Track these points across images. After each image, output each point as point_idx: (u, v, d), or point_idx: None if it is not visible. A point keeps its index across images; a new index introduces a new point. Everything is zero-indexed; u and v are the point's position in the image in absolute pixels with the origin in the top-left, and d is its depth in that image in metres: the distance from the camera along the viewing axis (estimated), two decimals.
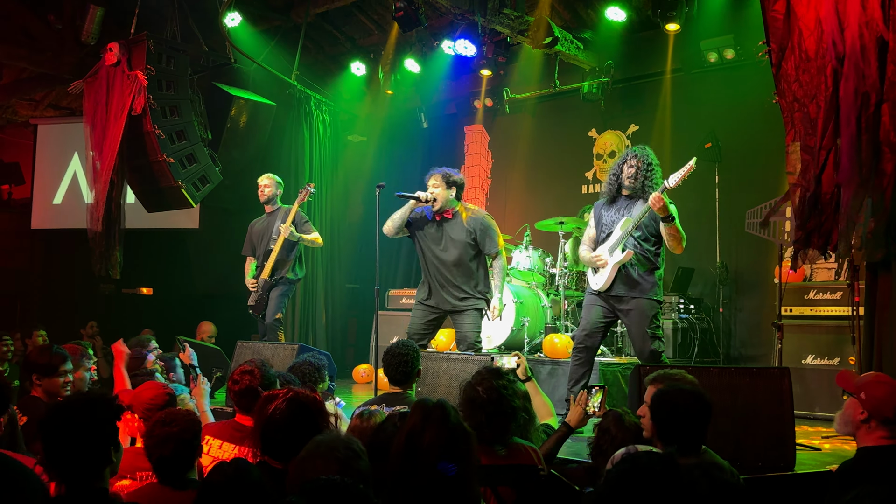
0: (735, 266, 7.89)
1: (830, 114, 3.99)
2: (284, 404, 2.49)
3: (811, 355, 5.94)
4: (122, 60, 7.26)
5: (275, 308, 6.81)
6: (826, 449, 4.46)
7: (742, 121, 7.71)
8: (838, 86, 3.95)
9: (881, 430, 2.84)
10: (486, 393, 2.81)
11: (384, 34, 9.17)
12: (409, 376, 3.97)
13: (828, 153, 4.00)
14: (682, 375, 2.95)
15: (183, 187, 7.37)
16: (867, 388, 2.91)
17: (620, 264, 5.00)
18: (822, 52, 4.03)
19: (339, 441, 2.02)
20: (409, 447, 2.05)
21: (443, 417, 2.10)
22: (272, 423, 2.46)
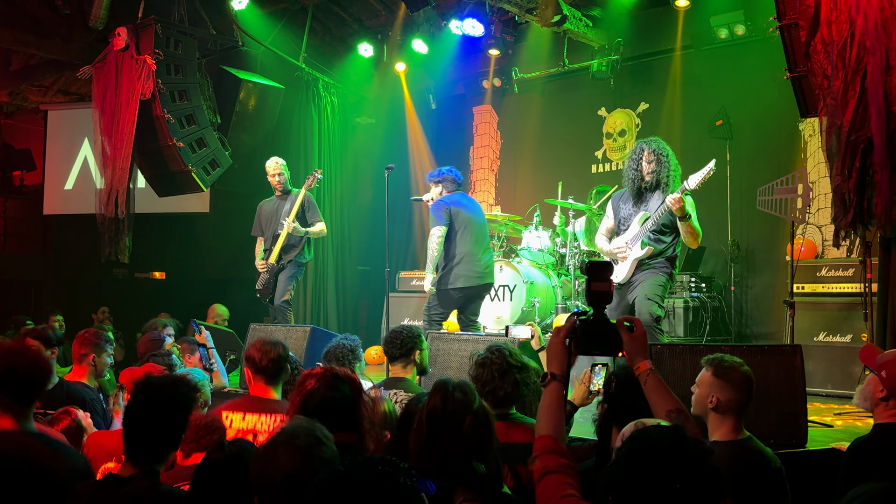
0: (746, 244, 7.86)
1: (854, 93, 3.97)
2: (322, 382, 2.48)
3: (823, 332, 5.93)
4: (130, 45, 7.26)
5: (283, 290, 6.83)
6: (838, 426, 4.46)
7: (753, 97, 7.65)
8: (861, 63, 3.93)
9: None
10: (495, 353, 3.01)
11: (391, 14, 9.13)
12: (407, 352, 3.95)
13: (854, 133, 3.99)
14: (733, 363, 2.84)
15: (193, 171, 7.39)
16: (888, 367, 2.91)
17: (639, 259, 5.07)
18: (840, 31, 4.01)
19: (302, 428, 1.98)
20: (430, 425, 2.08)
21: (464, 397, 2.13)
22: (309, 400, 2.45)
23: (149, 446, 2.38)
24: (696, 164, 4.97)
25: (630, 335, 2.17)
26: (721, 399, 2.74)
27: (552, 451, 2.01)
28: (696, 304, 7.32)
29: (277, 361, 3.48)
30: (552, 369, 2.14)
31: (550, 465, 1.96)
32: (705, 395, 2.77)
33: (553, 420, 2.08)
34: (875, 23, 3.86)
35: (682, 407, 2.18)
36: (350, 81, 9.91)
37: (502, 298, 7.21)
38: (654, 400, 2.19)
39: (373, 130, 10.43)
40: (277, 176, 6.95)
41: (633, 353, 2.19)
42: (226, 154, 7.78)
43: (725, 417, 2.74)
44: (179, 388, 2.46)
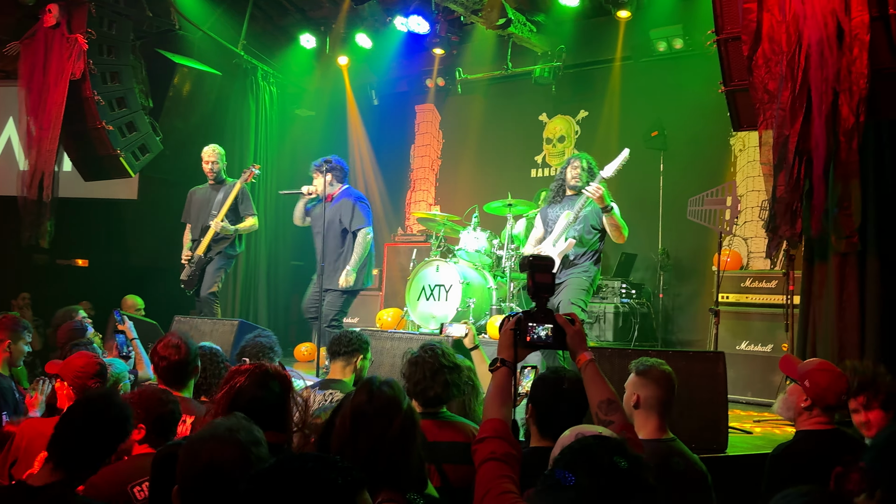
0: (676, 253, 8.04)
1: (802, 105, 4.07)
2: (252, 379, 2.40)
3: (746, 341, 6.10)
4: (61, 23, 6.98)
5: (210, 282, 6.65)
6: (757, 432, 4.59)
7: (688, 110, 7.83)
8: (808, 76, 4.04)
9: (821, 416, 2.95)
10: (428, 353, 2.99)
11: (335, 6, 9.01)
12: (347, 353, 3.87)
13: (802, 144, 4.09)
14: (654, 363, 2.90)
15: (122, 156, 7.15)
16: (811, 376, 2.99)
17: (563, 254, 5.26)
18: (792, 43, 4.11)
19: (241, 425, 1.93)
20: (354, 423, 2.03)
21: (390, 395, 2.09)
22: (238, 398, 2.36)
23: (78, 459, 2.35)
24: (631, 172, 5.08)
25: (572, 328, 2.23)
26: (641, 396, 2.79)
27: (501, 438, 2.00)
28: (625, 310, 7.46)
29: (177, 367, 3.35)
30: (502, 355, 2.20)
31: (498, 452, 1.95)
32: (629, 395, 2.83)
33: (503, 404, 2.11)
34: (819, 38, 3.97)
35: (615, 397, 2.22)
36: (290, 72, 9.76)
37: (438, 298, 7.19)
38: (591, 390, 2.24)
39: (312, 123, 10.29)
40: (212, 164, 6.78)
41: (574, 346, 2.25)
42: (157, 140, 7.55)
43: (649, 416, 2.78)
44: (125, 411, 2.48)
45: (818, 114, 4.01)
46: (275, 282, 9.60)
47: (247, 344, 4.15)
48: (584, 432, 1.92)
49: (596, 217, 5.28)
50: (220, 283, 6.76)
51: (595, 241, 5.34)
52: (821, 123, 4.00)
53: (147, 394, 2.87)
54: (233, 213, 6.67)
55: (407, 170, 10.41)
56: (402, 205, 10.39)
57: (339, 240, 6.30)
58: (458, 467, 2.64)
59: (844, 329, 4.37)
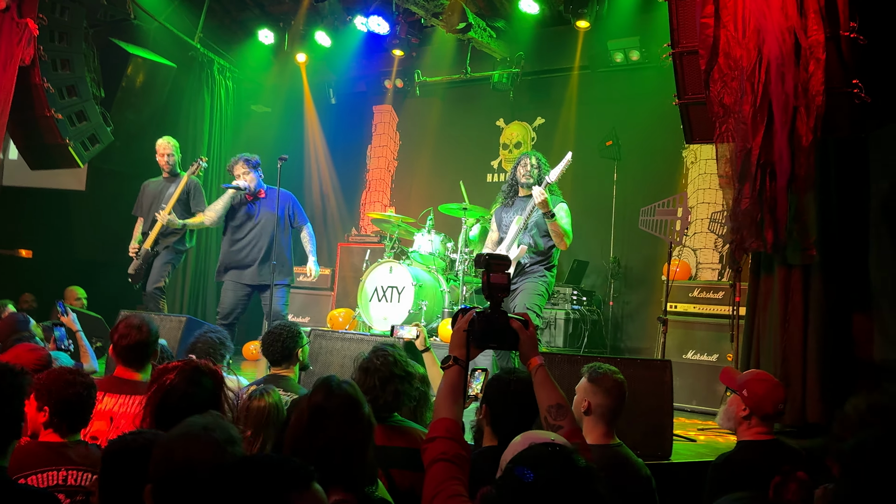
0: (627, 261, 8.16)
1: (763, 118, 4.15)
2: (182, 376, 2.37)
3: (692, 350, 6.21)
4: (11, 7, 6.75)
5: (157, 276, 6.53)
6: (701, 440, 4.67)
7: (642, 121, 7.96)
8: (769, 89, 4.12)
9: (760, 426, 3.01)
10: (379, 359, 2.91)
11: (295, 3, 8.94)
12: (287, 354, 3.84)
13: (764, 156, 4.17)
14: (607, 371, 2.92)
15: (70, 145, 6.97)
16: (748, 386, 3.06)
17: (517, 260, 5.27)
18: (752, 57, 4.19)
19: (217, 424, 1.91)
20: (311, 421, 2.01)
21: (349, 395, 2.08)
22: (168, 396, 2.34)
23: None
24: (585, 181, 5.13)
25: (525, 332, 2.24)
26: (592, 403, 2.83)
27: (453, 438, 1.99)
28: (576, 317, 7.54)
29: (137, 347, 3.27)
30: (454, 353, 2.19)
31: (449, 453, 1.95)
32: (580, 400, 2.86)
33: (455, 402, 2.10)
34: (778, 54, 4.07)
35: (564, 402, 2.23)
36: (247, 67, 9.63)
37: (390, 299, 7.17)
38: (540, 394, 2.24)
39: (268, 119, 10.17)
40: (167, 156, 6.67)
41: (526, 349, 2.25)
42: (107, 130, 7.38)
43: (598, 423, 2.82)
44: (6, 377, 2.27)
45: (780, 127, 4.10)
46: None
47: (197, 340, 4.07)
48: (535, 439, 1.92)
49: (545, 223, 5.31)
50: (167, 279, 6.63)
51: (549, 247, 5.37)
52: (783, 137, 4.09)
53: (53, 374, 2.70)
54: (183, 208, 6.55)
55: (363, 170, 10.36)
56: (357, 205, 10.34)
57: (284, 235, 6.37)
58: (405, 473, 2.63)
59: (789, 340, 4.48)
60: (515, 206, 5.51)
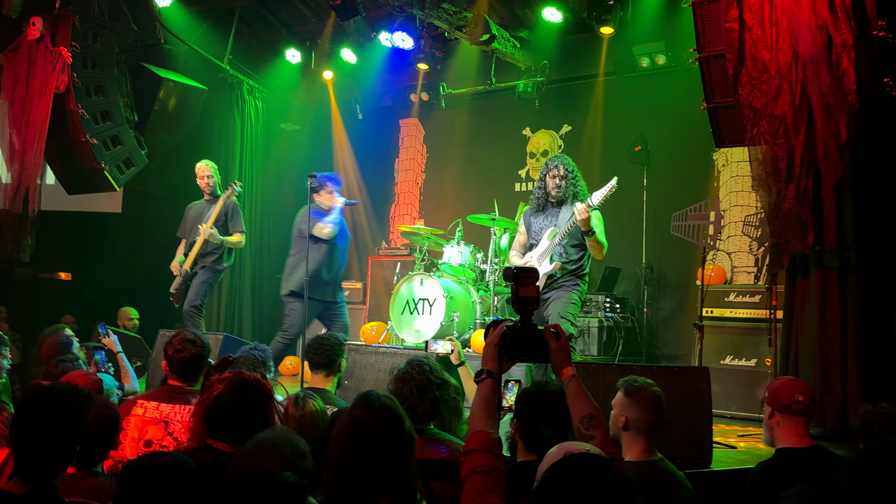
0: (659, 267, 8.09)
1: (803, 117, 4.09)
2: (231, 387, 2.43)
3: (730, 356, 6.13)
4: (45, 36, 6.97)
5: (194, 295, 6.65)
6: (741, 447, 4.61)
7: (670, 125, 7.90)
8: (806, 88, 4.06)
9: (795, 430, 2.94)
10: (415, 369, 2.95)
11: (321, 22, 9.04)
12: (330, 362, 3.90)
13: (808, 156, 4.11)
14: (643, 384, 2.86)
15: (106, 169, 7.13)
16: (769, 388, 3.07)
17: (547, 275, 5.22)
18: (784, 58, 4.14)
19: (286, 439, 1.97)
20: (353, 435, 2.04)
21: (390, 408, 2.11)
22: (217, 404, 2.40)
23: (40, 461, 2.19)
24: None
25: (556, 343, 2.23)
26: (630, 418, 2.78)
27: (489, 451, 2.00)
28: (609, 325, 7.48)
29: (192, 361, 3.41)
30: (487, 367, 2.20)
31: (486, 465, 1.96)
32: (617, 415, 2.82)
33: (490, 416, 2.12)
34: (811, 52, 4.02)
35: (597, 412, 2.23)
36: (276, 87, 9.76)
37: (422, 312, 7.18)
38: (573, 404, 2.24)
39: (297, 137, 10.29)
40: (206, 178, 6.83)
41: (558, 360, 2.25)
42: (142, 153, 7.54)
43: (637, 438, 2.78)
44: (67, 398, 2.28)
45: (822, 125, 4.03)
46: (259, 295, 9.56)
47: (239, 356, 4.13)
48: (571, 449, 1.92)
49: (579, 236, 5.23)
50: (204, 298, 6.73)
51: (580, 256, 5.30)
52: (828, 135, 4.02)
53: None
54: (221, 230, 6.66)
55: (391, 184, 10.42)
56: (387, 218, 10.40)
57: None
58: (445, 485, 2.64)
59: (827, 343, 4.41)
60: (547, 214, 5.42)
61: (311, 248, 6.21)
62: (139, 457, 2.06)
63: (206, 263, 6.67)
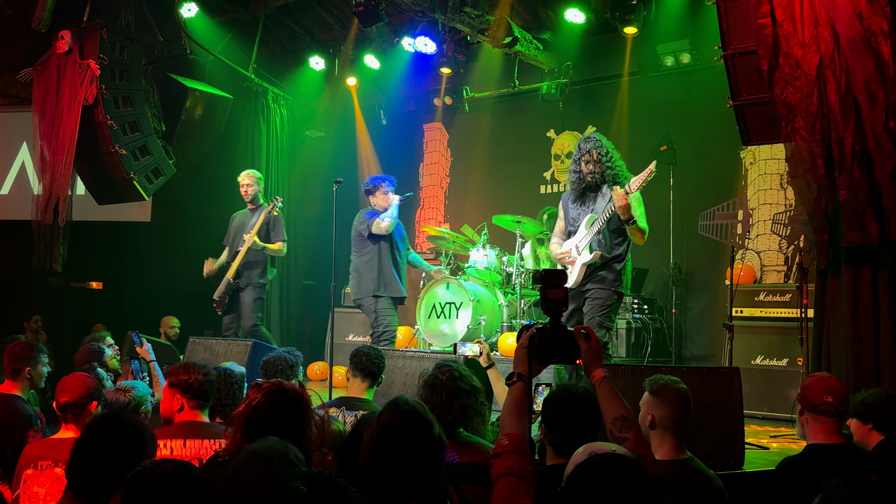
0: (687, 267, 8.02)
1: (850, 105, 4.00)
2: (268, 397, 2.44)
3: (761, 356, 6.06)
4: (73, 49, 7.09)
5: (249, 315, 6.83)
6: (774, 448, 4.55)
7: (696, 124, 7.84)
8: (850, 76, 3.98)
9: (825, 427, 2.93)
10: (445, 374, 2.94)
11: (344, 29, 9.11)
12: (378, 373, 3.94)
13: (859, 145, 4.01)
14: (668, 381, 2.84)
15: (135, 179, 7.24)
16: (802, 384, 3.07)
17: (587, 264, 5.03)
18: (822, 49, 4.06)
19: (275, 451, 1.95)
20: (382, 440, 2.06)
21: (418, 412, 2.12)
22: (255, 413, 2.41)
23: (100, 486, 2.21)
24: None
25: (587, 344, 2.23)
26: (656, 416, 2.76)
27: (519, 453, 2.00)
28: (637, 326, 7.43)
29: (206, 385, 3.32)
30: (518, 370, 2.19)
31: (515, 467, 1.95)
32: (644, 414, 2.80)
33: (521, 418, 2.12)
34: (851, 40, 3.94)
35: (630, 414, 2.21)
36: (300, 94, 9.84)
37: (449, 316, 7.19)
38: (605, 406, 2.23)
39: (322, 144, 10.35)
40: (246, 187, 7.00)
41: (589, 362, 2.24)
42: (170, 163, 7.64)
43: (665, 436, 2.76)
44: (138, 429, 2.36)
45: (869, 114, 3.94)
46: (287, 301, 9.62)
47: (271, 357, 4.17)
48: (596, 450, 1.91)
49: (619, 222, 4.98)
50: (258, 314, 6.94)
51: (622, 242, 5.06)
52: (878, 122, 3.92)
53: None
54: (263, 239, 6.83)
55: (416, 188, 10.44)
56: (412, 223, 10.42)
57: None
58: (477, 488, 2.63)
59: (860, 341, 4.34)
60: (585, 199, 5.17)
61: (379, 248, 6.51)
62: (143, 465, 2.03)
63: (250, 279, 6.84)
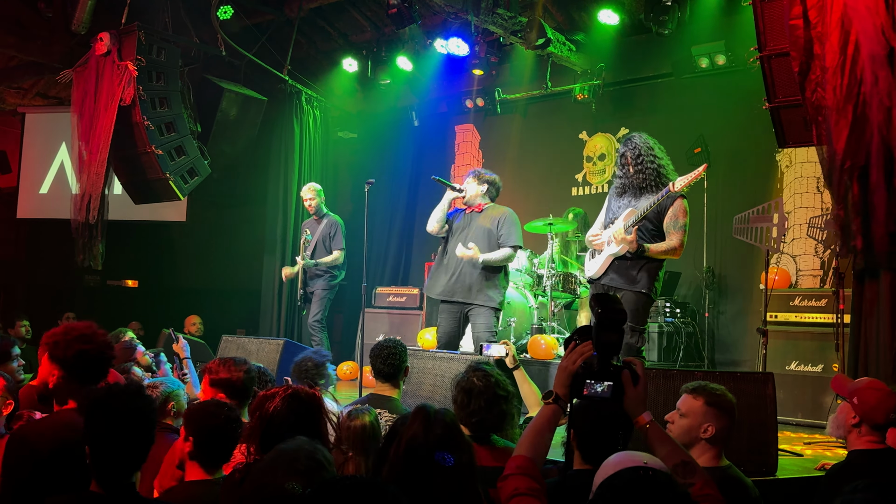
0: (721, 271, 7.92)
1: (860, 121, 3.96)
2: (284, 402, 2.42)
3: (795, 361, 5.97)
4: (112, 50, 7.21)
5: (315, 310, 7.29)
6: (808, 455, 4.48)
7: (731, 127, 7.74)
8: (860, 92, 3.93)
9: (871, 435, 2.94)
10: (482, 380, 2.90)
11: (377, 31, 9.16)
12: (396, 371, 3.89)
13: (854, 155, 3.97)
14: (722, 391, 2.81)
15: (171, 179, 7.34)
16: (860, 394, 2.99)
17: (615, 256, 4.92)
18: (839, 60, 4.02)
19: (302, 451, 1.93)
20: (409, 452, 2.00)
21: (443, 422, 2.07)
22: (272, 422, 2.39)
23: (115, 463, 2.22)
24: None
25: (633, 390, 2.12)
26: (717, 428, 2.74)
27: (526, 474, 1.98)
28: (670, 329, 7.36)
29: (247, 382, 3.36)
30: (558, 390, 2.12)
31: (521, 488, 1.94)
32: (697, 424, 2.75)
33: (538, 442, 2.07)
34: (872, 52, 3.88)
35: (689, 458, 2.14)
36: (333, 95, 9.91)
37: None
38: (659, 451, 2.12)
39: (354, 145, 10.42)
40: (309, 200, 7.46)
41: (633, 408, 2.14)
42: (205, 163, 7.74)
43: (714, 446, 2.75)
44: (137, 399, 2.32)
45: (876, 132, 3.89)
46: None
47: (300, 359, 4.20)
48: (625, 463, 1.87)
49: (658, 220, 4.85)
50: (325, 312, 7.36)
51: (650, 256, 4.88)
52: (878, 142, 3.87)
53: (199, 405, 2.78)
54: (325, 250, 7.34)
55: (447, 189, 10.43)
56: None
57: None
58: None
59: None
60: (629, 194, 5.04)
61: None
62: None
63: (316, 287, 7.33)
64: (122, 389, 2.37)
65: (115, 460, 2.22)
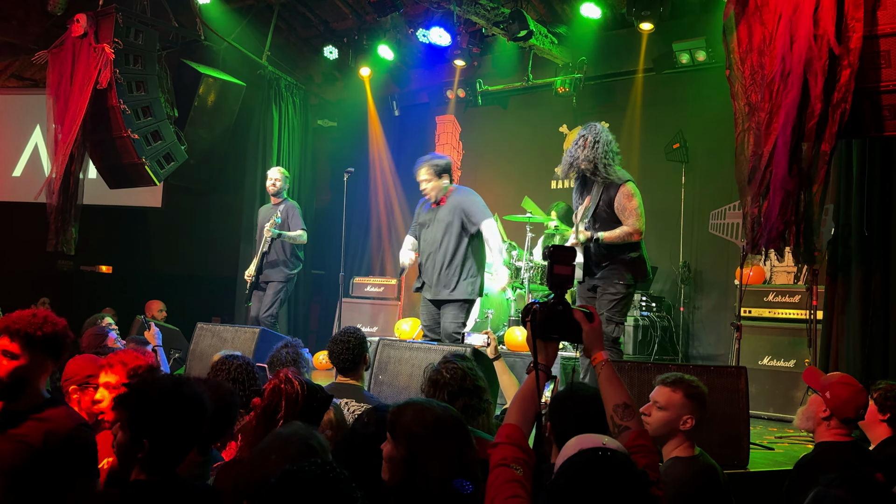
0: (697, 266, 7.99)
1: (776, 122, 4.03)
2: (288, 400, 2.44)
3: (768, 356, 6.04)
4: (88, 32, 7.10)
5: (267, 304, 6.98)
6: (779, 449, 4.54)
7: (710, 123, 7.78)
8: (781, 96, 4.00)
9: (839, 428, 3.02)
10: (450, 372, 2.88)
11: (359, 19, 9.09)
12: (356, 364, 3.88)
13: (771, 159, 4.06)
14: (697, 382, 2.83)
15: (146, 164, 7.25)
16: (832, 388, 3.05)
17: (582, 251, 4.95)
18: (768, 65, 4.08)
19: (297, 436, 1.95)
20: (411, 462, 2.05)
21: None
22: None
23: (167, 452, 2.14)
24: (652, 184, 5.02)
25: (589, 325, 2.17)
26: (696, 419, 2.77)
27: (515, 444, 2.00)
28: (645, 323, 7.41)
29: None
30: (535, 358, 2.15)
31: (509, 458, 1.95)
32: (677, 417, 2.77)
33: (525, 410, 2.09)
34: (804, 61, 3.92)
35: (631, 402, 2.17)
36: (313, 83, 9.84)
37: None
38: (606, 391, 2.18)
39: (334, 133, 10.36)
40: (274, 181, 7.15)
41: (590, 343, 2.19)
42: (181, 149, 7.65)
43: (690, 437, 2.78)
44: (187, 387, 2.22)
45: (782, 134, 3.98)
46: (295, 290, 9.62)
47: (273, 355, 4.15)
48: (585, 444, 1.89)
49: (610, 209, 4.87)
50: (279, 307, 7.10)
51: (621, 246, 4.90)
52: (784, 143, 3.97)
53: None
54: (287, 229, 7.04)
55: None
56: None
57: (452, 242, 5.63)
58: None
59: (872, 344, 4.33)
60: (586, 186, 5.08)
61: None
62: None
63: (270, 277, 7.03)
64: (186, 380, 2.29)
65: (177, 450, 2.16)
